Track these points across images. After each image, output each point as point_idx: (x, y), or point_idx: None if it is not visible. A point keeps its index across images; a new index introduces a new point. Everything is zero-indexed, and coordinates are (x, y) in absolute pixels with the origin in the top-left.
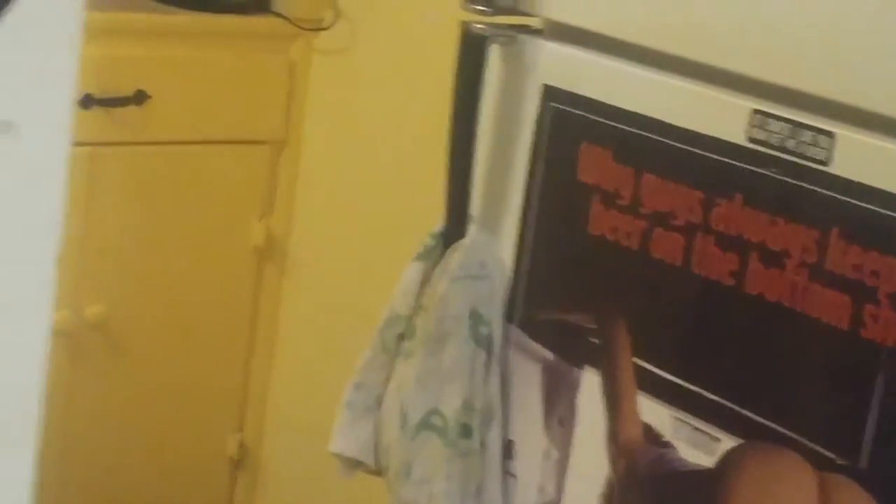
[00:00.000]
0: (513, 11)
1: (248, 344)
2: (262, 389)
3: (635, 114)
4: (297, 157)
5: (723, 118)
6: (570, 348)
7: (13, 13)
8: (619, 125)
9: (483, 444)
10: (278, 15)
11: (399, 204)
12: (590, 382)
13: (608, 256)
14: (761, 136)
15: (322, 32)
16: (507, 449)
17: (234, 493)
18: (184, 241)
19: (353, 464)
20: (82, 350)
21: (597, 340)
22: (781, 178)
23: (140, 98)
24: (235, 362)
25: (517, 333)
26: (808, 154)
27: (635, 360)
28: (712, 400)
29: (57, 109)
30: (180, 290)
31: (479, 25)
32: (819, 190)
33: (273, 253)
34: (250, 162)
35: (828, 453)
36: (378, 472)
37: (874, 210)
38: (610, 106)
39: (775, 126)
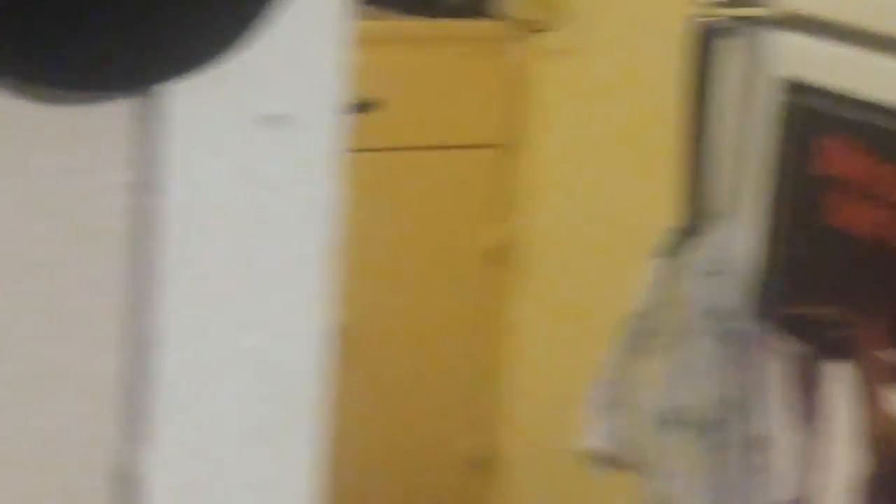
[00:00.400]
0: (744, 3)
1: (482, 346)
2: (497, 391)
3: (880, 104)
4: (525, 160)
5: None
6: (818, 341)
7: (289, 7)
8: (863, 116)
9: (732, 439)
10: (501, 18)
11: (633, 203)
12: (839, 375)
13: (853, 248)
14: None
15: (546, 33)
16: (758, 442)
17: (472, 494)
18: (415, 246)
19: (602, 460)
20: None
21: (846, 332)
22: None
23: (369, 105)
24: (470, 364)
25: (763, 327)
26: None
27: (887, 350)
28: None
29: (330, 105)
30: (413, 294)
31: (709, 19)
32: None
33: (504, 255)
34: (478, 166)
35: None
36: (628, 467)
37: None
38: (853, 97)
39: None
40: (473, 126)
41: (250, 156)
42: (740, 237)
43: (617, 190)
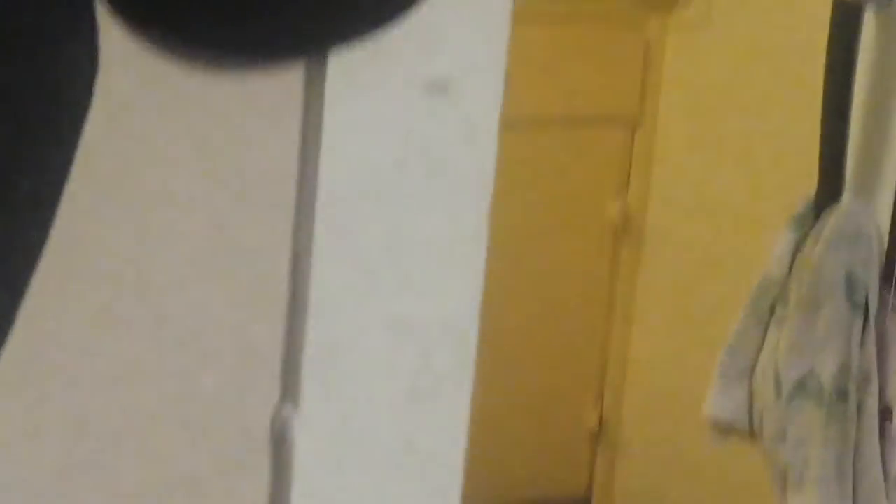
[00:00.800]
0: None
1: (606, 318)
2: (620, 362)
3: None
4: (652, 135)
5: None
6: None
7: None
8: None
9: (860, 409)
10: None
11: (762, 174)
12: None
13: None
14: None
15: (678, 8)
16: (885, 413)
17: (595, 464)
18: (541, 218)
19: (726, 429)
20: None
21: None
22: None
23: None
24: (594, 336)
25: (892, 296)
26: None
27: None
28: None
29: (496, 71)
30: (540, 266)
31: None
32: None
33: (629, 229)
34: (606, 141)
35: None
36: (751, 436)
37: None
38: None
39: None
40: (603, 101)
41: (415, 122)
42: (878, 207)
43: (747, 162)
